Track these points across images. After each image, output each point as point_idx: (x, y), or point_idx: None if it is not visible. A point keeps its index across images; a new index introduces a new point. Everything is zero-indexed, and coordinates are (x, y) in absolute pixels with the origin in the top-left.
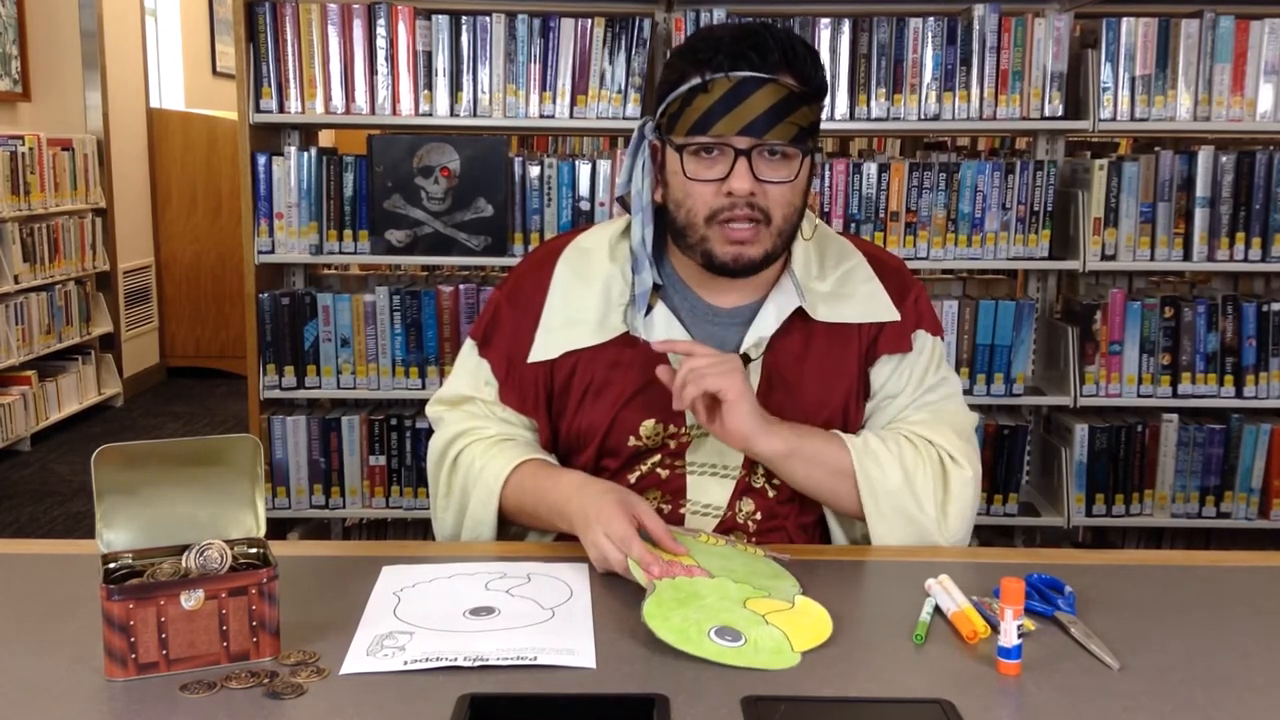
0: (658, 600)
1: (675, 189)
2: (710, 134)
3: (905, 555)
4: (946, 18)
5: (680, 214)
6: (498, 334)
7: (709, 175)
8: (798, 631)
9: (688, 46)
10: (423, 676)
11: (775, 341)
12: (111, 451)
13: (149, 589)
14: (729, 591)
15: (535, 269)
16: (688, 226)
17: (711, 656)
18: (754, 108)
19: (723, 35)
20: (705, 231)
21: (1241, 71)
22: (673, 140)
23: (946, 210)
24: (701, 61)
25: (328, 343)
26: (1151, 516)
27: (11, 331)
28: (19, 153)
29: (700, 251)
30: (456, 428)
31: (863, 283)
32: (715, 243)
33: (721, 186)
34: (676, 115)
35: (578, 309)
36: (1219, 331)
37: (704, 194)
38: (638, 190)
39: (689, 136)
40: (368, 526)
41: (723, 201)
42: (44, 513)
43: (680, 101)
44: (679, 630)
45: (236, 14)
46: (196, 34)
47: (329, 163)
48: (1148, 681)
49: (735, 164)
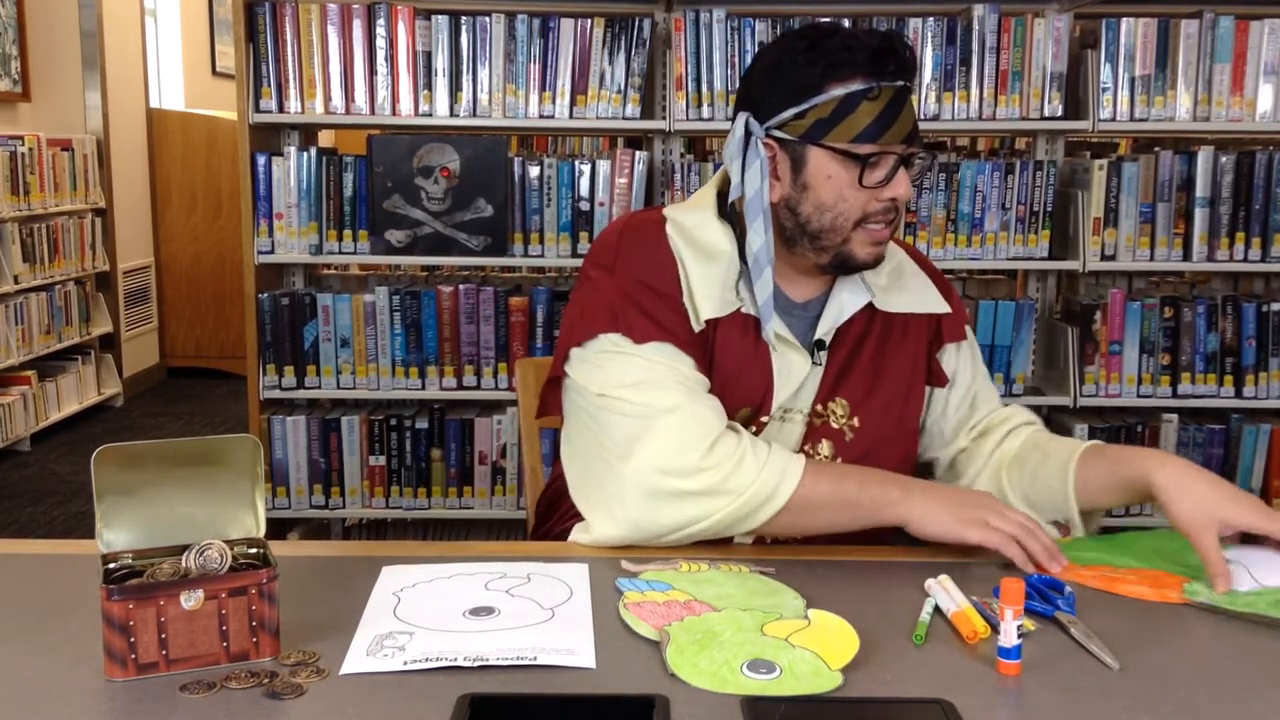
0: (678, 648)
1: (823, 193)
2: (880, 142)
3: (905, 555)
4: (946, 18)
5: (824, 218)
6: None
7: (874, 181)
8: (827, 649)
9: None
10: (423, 676)
11: (839, 331)
12: (111, 451)
13: (149, 589)
14: (742, 622)
15: (648, 246)
16: (829, 230)
17: (753, 693)
18: (909, 117)
19: (874, 43)
20: (850, 234)
21: (1241, 72)
22: (833, 145)
23: (946, 210)
24: (864, 68)
25: (328, 343)
26: (1151, 516)
27: (11, 331)
28: (19, 153)
29: (836, 253)
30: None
31: (913, 277)
32: (858, 244)
33: (879, 192)
34: (831, 121)
35: (709, 282)
36: (1219, 331)
37: (860, 199)
38: (756, 191)
39: (858, 144)
40: (368, 526)
41: (877, 206)
42: (44, 513)
43: (836, 107)
44: (711, 674)
45: (236, 14)
46: (196, 34)
47: (329, 163)
48: (1148, 681)
49: (897, 171)
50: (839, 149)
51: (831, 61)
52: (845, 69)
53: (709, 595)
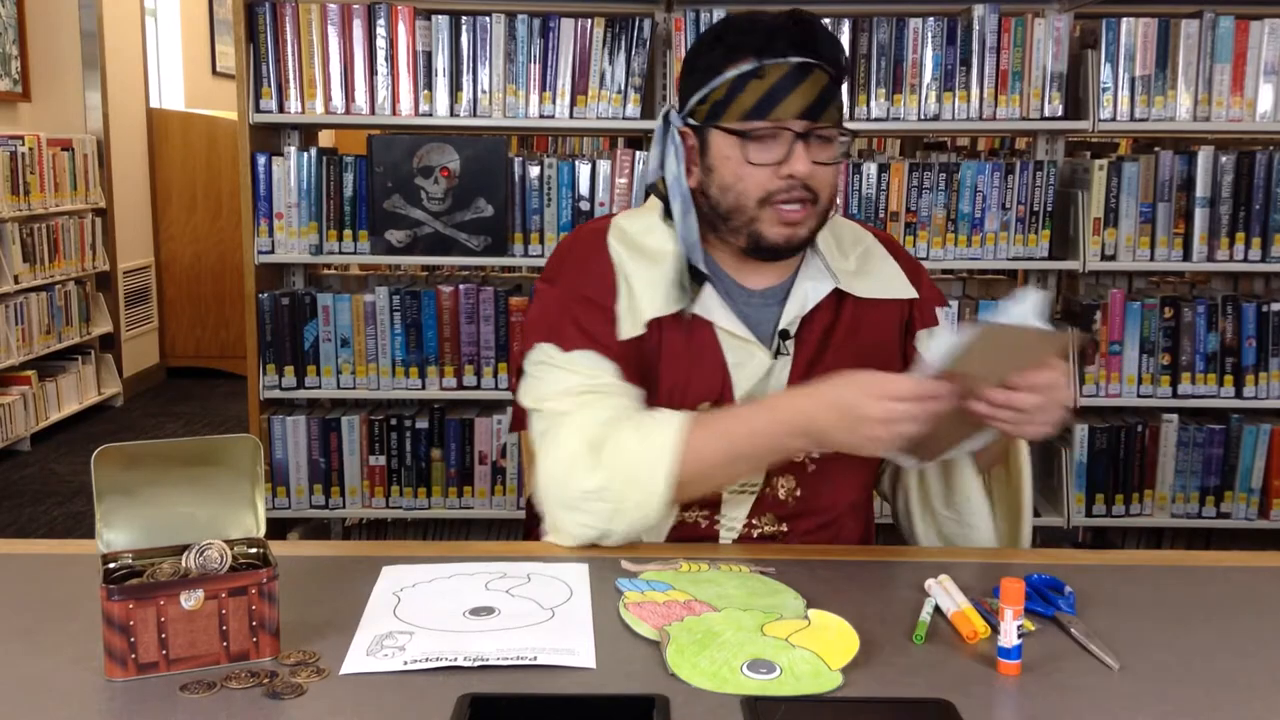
0: (678, 648)
1: (724, 174)
2: (769, 118)
3: (905, 555)
4: (946, 18)
5: (728, 198)
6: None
7: (767, 159)
8: (827, 649)
9: (726, 33)
10: (423, 676)
11: (807, 319)
12: (111, 451)
13: (149, 589)
14: (742, 622)
15: (588, 259)
16: (734, 210)
17: (752, 693)
18: (809, 91)
19: (769, 21)
20: (756, 213)
21: (1241, 72)
22: (724, 125)
23: (946, 210)
24: (753, 47)
25: (328, 343)
26: (1151, 517)
27: (11, 331)
28: (19, 153)
29: (747, 234)
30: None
31: (881, 260)
32: (766, 224)
33: (777, 170)
34: (725, 101)
35: (650, 284)
36: (1219, 331)
37: (759, 177)
38: (674, 177)
39: (745, 121)
40: (368, 526)
41: (778, 184)
42: (44, 513)
43: (728, 87)
44: (711, 674)
45: (236, 14)
46: (196, 34)
47: (329, 163)
48: (1148, 681)
49: (794, 147)
50: (729, 128)
51: (727, 45)
52: (738, 51)
53: (709, 595)
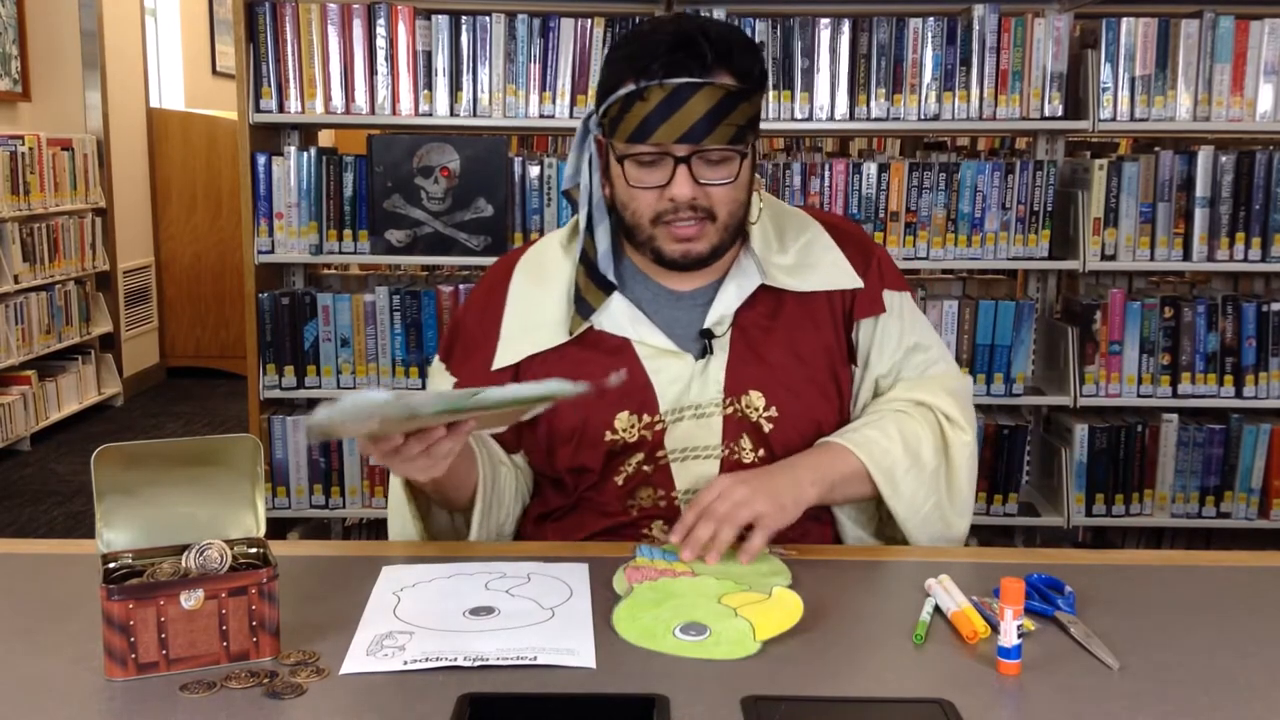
0: (632, 603)
1: (619, 191)
2: (649, 142)
3: (905, 555)
4: (946, 18)
5: (626, 215)
6: (459, 348)
7: (651, 181)
8: (764, 620)
9: (624, 48)
10: (422, 676)
11: (741, 317)
12: (111, 451)
13: (149, 589)
14: (706, 589)
15: (493, 283)
16: (634, 227)
17: (674, 652)
18: (691, 113)
19: (658, 39)
20: (651, 231)
21: (1241, 71)
22: (614, 146)
23: (946, 210)
24: (637, 68)
25: (328, 343)
26: (1151, 516)
27: (11, 331)
28: (19, 153)
29: (650, 249)
30: None
31: (824, 251)
32: (662, 241)
33: (664, 192)
34: (617, 120)
35: (538, 313)
36: (1219, 331)
37: (647, 198)
38: (586, 185)
39: (629, 145)
40: (368, 526)
41: (665, 205)
42: (44, 513)
43: (619, 107)
44: (646, 630)
45: (236, 14)
46: (196, 34)
47: (329, 163)
48: (1148, 681)
49: (675, 171)
50: (617, 149)
51: (620, 60)
52: (628, 69)
53: (706, 568)
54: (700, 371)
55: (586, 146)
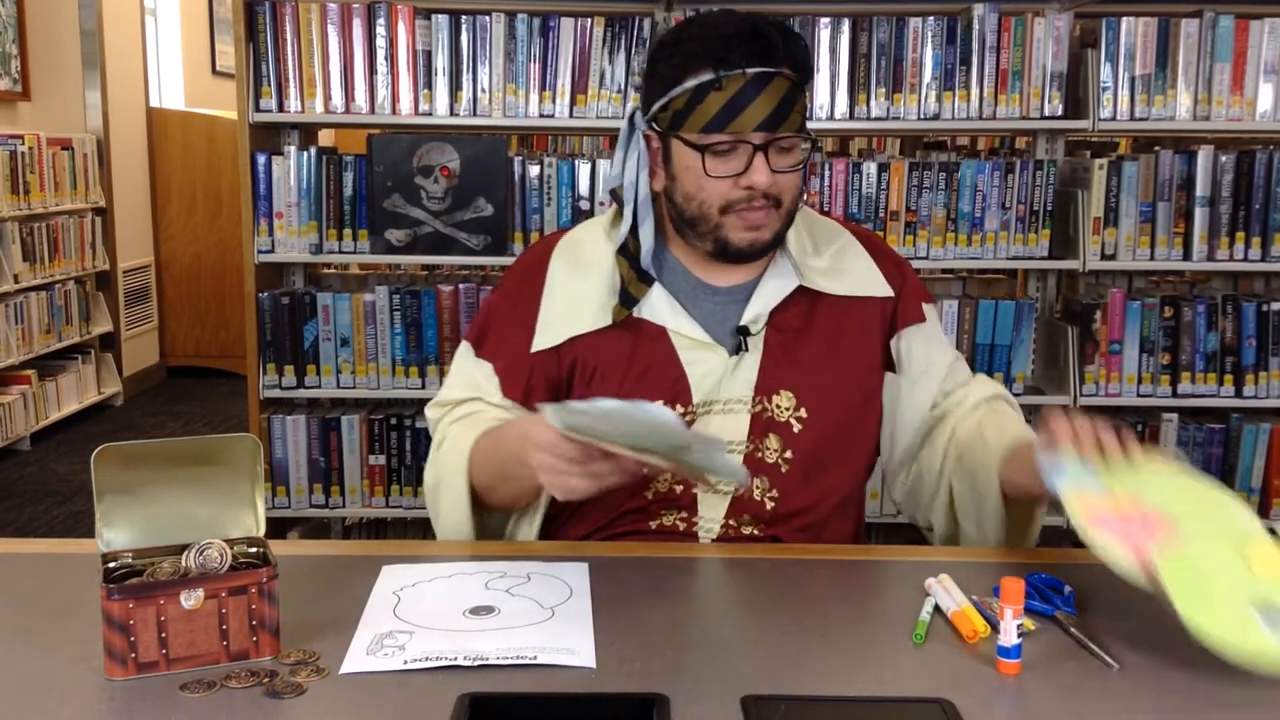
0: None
1: (686, 183)
2: (728, 131)
3: (905, 555)
4: (946, 17)
5: (691, 206)
6: (494, 332)
7: (726, 170)
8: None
9: (686, 40)
10: (422, 676)
11: (776, 318)
12: (111, 451)
13: (149, 588)
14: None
15: (530, 268)
16: (699, 218)
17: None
18: (767, 103)
19: (728, 30)
20: (719, 220)
21: (1241, 71)
22: (684, 137)
23: (946, 210)
24: (711, 58)
25: (327, 342)
26: None
27: (11, 331)
28: (19, 152)
29: (713, 239)
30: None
31: (856, 259)
32: (730, 230)
33: (738, 180)
34: (685, 112)
35: (578, 298)
36: (1219, 331)
37: (719, 188)
38: (631, 182)
39: (704, 134)
40: (367, 526)
41: (739, 194)
42: (44, 512)
43: (688, 98)
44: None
45: (236, 14)
46: (196, 34)
47: (329, 162)
48: (1148, 681)
49: (753, 160)
50: (689, 140)
51: (685, 53)
52: (697, 60)
53: (1154, 498)
54: (733, 368)
55: (635, 144)
